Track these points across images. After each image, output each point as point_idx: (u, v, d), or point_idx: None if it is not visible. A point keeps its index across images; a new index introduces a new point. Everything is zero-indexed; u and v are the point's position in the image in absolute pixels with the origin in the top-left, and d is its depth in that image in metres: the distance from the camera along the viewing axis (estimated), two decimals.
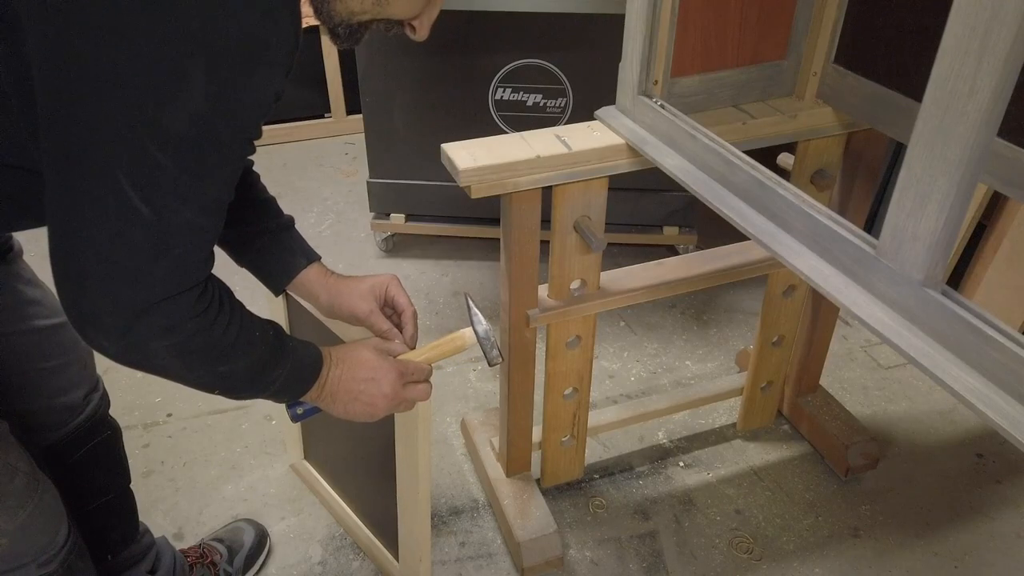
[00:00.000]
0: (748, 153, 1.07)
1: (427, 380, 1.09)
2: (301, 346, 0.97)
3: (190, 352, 0.80)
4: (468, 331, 1.14)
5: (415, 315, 1.14)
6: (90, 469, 1.21)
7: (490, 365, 1.15)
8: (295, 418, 1.07)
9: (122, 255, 0.73)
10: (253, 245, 1.11)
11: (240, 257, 1.13)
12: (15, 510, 0.96)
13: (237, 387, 0.90)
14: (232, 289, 0.87)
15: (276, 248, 1.12)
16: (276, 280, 1.15)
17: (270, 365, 0.90)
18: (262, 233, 1.11)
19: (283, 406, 1.07)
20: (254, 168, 1.13)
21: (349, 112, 3.20)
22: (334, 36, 0.88)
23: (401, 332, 1.13)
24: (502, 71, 2.07)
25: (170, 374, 0.82)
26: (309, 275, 1.14)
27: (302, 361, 0.96)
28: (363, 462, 1.47)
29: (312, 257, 1.15)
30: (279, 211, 1.14)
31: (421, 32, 0.90)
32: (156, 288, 0.76)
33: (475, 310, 1.16)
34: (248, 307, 0.89)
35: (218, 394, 0.89)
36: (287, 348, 0.93)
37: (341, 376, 1.01)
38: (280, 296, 1.42)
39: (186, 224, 0.75)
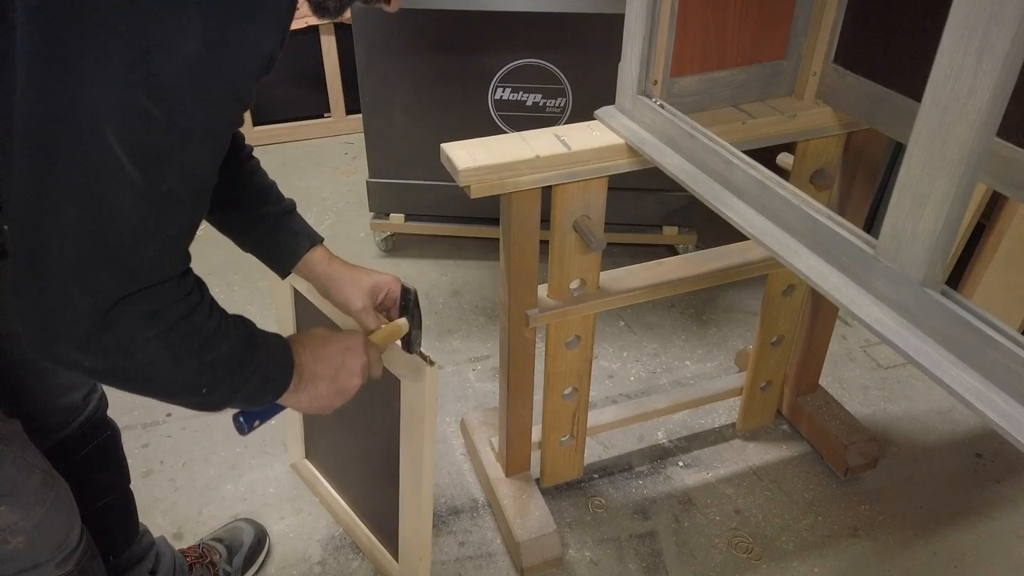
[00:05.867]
0: (748, 153, 1.07)
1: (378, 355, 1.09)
2: (267, 333, 0.91)
3: (177, 340, 0.75)
4: (403, 321, 1.17)
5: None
6: (92, 470, 1.21)
7: (409, 352, 1.19)
8: (247, 426, 0.99)
9: (107, 231, 0.67)
10: (256, 229, 1.11)
11: (244, 242, 1.13)
12: (32, 507, 0.96)
13: (221, 380, 0.82)
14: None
15: (279, 231, 1.12)
16: (282, 263, 1.14)
17: (249, 351, 0.85)
18: (265, 217, 1.11)
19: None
20: (254, 155, 1.13)
21: (348, 112, 3.20)
22: (323, 10, 0.87)
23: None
24: (502, 71, 2.07)
25: (155, 372, 0.75)
26: (312, 257, 1.14)
27: (275, 346, 0.90)
28: (364, 461, 1.47)
29: (315, 239, 1.15)
30: (280, 196, 1.15)
31: (395, 3, 0.94)
32: (141, 275, 0.70)
33: (414, 303, 1.18)
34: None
35: (201, 399, 0.82)
36: (258, 333, 0.88)
37: (315, 356, 0.96)
38: (289, 295, 1.43)
39: (175, 197, 0.70)
